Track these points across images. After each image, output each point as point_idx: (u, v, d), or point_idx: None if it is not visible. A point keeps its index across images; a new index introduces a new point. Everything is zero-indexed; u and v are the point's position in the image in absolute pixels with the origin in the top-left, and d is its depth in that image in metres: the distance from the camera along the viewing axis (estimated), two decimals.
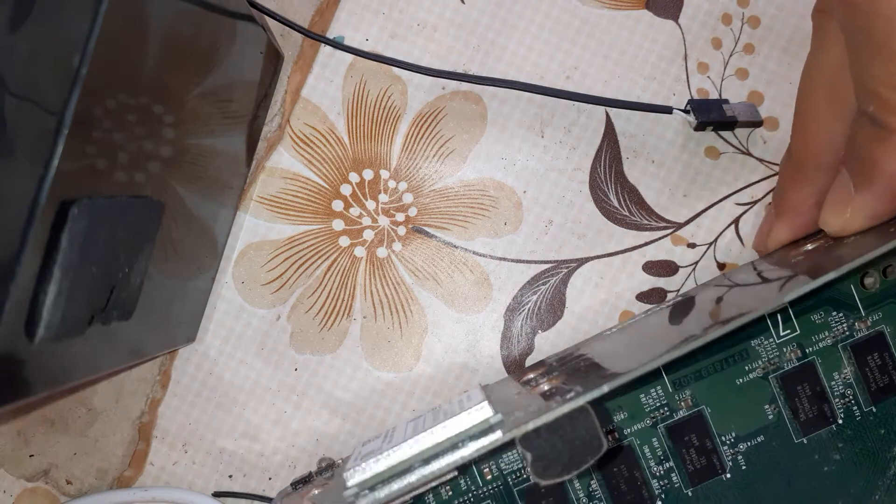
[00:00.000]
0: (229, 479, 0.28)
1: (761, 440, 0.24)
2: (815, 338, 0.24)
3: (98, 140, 0.17)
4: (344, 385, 0.28)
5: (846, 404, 0.24)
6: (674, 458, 0.24)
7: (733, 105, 0.28)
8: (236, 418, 0.28)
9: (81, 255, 0.17)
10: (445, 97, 0.28)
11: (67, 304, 0.17)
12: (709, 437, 0.24)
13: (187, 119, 0.22)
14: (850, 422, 0.24)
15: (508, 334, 0.28)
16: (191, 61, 0.21)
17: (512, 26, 0.28)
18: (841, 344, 0.24)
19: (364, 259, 0.28)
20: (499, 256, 0.28)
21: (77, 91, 0.15)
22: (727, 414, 0.24)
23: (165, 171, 0.21)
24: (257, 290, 0.28)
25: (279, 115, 0.28)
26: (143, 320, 0.22)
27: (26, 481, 0.28)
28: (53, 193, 0.15)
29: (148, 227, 0.20)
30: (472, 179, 0.28)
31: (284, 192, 0.28)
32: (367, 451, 0.21)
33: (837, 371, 0.24)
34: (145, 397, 0.28)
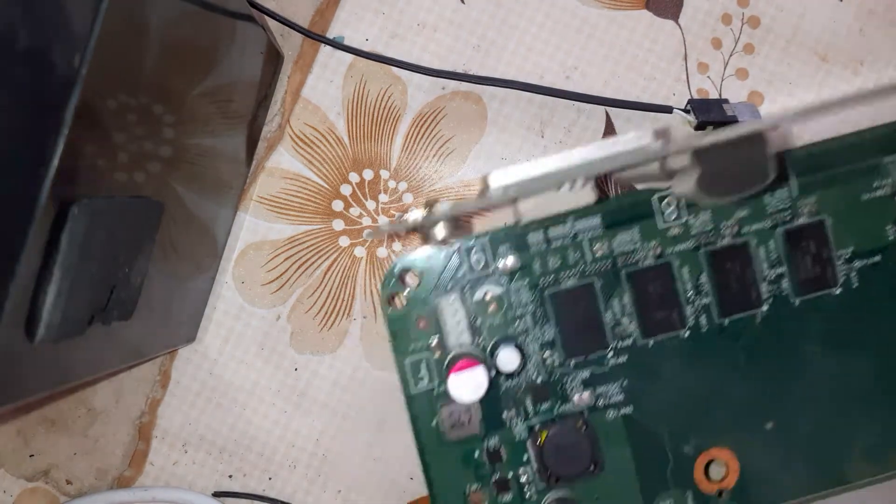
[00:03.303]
0: (229, 479, 0.28)
1: (878, 260, 0.23)
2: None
3: (98, 140, 0.17)
4: (344, 385, 0.28)
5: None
6: (787, 264, 0.23)
7: (733, 105, 0.28)
8: (236, 418, 0.28)
9: (81, 255, 0.17)
10: (445, 97, 0.28)
11: (67, 304, 0.17)
12: (826, 248, 0.23)
13: (187, 119, 0.22)
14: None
15: None
16: (191, 61, 0.21)
17: (512, 26, 0.28)
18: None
19: (364, 259, 0.28)
20: None
21: (77, 91, 0.15)
22: (847, 228, 0.23)
23: (165, 171, 0.21)
24: (257, 290, 0.28)
25: (279, 115, 0.28)
26: (143, 320, 0.22)
27: (26, 481, 0.28)
28: (53, 193, 0.15)
29: (148, 227, 0.20)
30: (472, 179, 0.28)
31: (284, 192, 0.28)
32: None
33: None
34: (145, 397, 0.28)
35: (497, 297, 0.22)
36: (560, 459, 0.22)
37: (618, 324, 0.23)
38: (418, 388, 0.22)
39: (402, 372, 0.22)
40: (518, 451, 0.23)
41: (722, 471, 0.23)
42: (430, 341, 0.22)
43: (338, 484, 0.28)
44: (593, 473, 0.23)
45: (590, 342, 0.23)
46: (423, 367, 0.22)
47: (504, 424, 0.23)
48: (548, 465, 0.22)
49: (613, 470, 0.23)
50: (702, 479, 0.23)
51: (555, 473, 0.22)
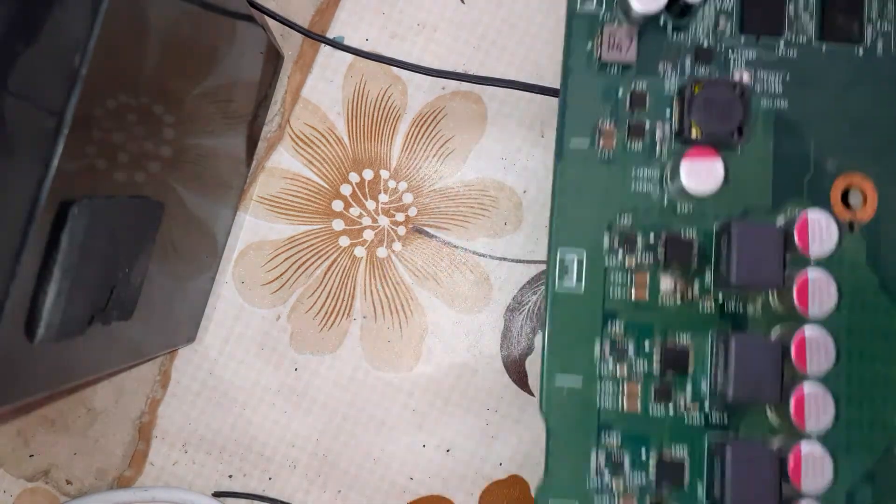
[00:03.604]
0: (229, 479, 0.28)
1: None
2: None
3: (98, 140, 0.17)
4: (344, 385, 0.28)
5: None
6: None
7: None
8: (236, 418, 0.28)
9: (81, 255, 0.17)
10: (445, 97, 0.28)
11: (67, 304, 0.17)
12: None
13: (187, 119, 0.22)
14: None
15: (508, 334, 0.28)
16: (191, 61, 0.21)
17: (512, 26, 0.28)
18: None
19: (364, 259, 0.28)
20: (499, 256, 0.28)
21: (77, 91, 0.15)
22: None
23: (165, 172, 0.21)
24: (257, 290, 0.28)
25: (279, 115, 0.28)
26: (143, 320, 0.22)
27: (26, 481, 0.28)
28: (53, 193, 0.15)
29: (148, 227, 0.20)
30: (472, 179, 0.28)
31: (284, 192, 0.28)
32: None
33: None
34: (145, 397, 0.28)
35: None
36: (709, 114, 0.21)
37: (798, 17, 0.22)
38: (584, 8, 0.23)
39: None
40: (661, 104, 0.22)
41: (859, 201, 0.22)
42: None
43: (338, 484, 0.28)
44: (735, 141, 0.22)
45: (766, 24, 0.22)
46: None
47: (658, 73, 0.22)
48: (695, 118, 0.21)
49: (753, 152, 0.22)
50: (837, 202, 0.22)
51: (700, 127, 0.21)
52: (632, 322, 0.22)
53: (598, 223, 0.22)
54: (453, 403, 0.28)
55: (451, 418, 0.28)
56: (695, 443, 0.21)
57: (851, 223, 0.22)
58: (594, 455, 0.21)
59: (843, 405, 0.21)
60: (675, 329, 0.22)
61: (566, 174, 0.22)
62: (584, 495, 0.21)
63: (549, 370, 0.22)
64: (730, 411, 0.21)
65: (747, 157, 0.22)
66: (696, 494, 0.21)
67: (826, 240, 0.21)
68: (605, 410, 0.22)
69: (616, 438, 0.21)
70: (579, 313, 0.22)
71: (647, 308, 0.22)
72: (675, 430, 0.21)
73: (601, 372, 0.22)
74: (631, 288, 0.22)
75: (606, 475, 0.21)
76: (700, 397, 0.21)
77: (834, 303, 0.21)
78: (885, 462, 0.21)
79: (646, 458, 0.21)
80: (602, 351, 0.22)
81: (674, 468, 0.21)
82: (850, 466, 0.21)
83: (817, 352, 0.20)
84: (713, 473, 0.21)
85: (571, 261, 0.22)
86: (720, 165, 0.21)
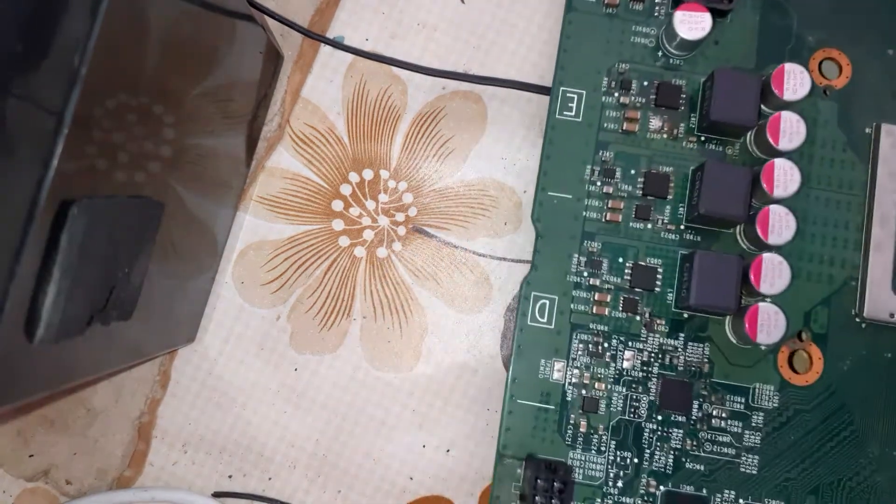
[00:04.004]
0: (229, 479, 0.28)
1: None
2: None
3: (98, 140, 0.17)
4: (344, 385, 0.28)
5: None
6: None
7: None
8: (236, 418, 0.28)
9: (81, 255, 0.17)
10: (445, 97, 0.28)
11: (67, 304, 0.17)
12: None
13: (187, 119, 0.22)
14: None
15: (508, 334, 0.28)
16: (191, 61, 0.21)
17: (512, 26, 0.28)
18: None
19: (364, 259, 0.28)
20: (499, 256, 0.28)
21: (77, 91, 0.15)
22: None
23: (165, 171, 0.21)
24: (257, 290, 0.28)
25: (279, 115, 0.28)
26: (143, 320, 0.22)
27: (26, 481, 0.28)
28: (53, 193, 0.15)
29: (148, 227, 0.20)
30: (472, 179, 0.28)
31: (284, 192, 0.28)
32: None
33: None
34: (145, 397, 0.28)
35: None
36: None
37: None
38: None
39: None
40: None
41: (835, 71, 0.25)
42: None
43: (338, 484, 0.28)
44: (725, 6, 0.25)
45: None
46: None
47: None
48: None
49: (741, 21, 0.25)
50: (815, 70, 0.25)
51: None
52: (622, 152, 0.25)
53: (598, 67, 0.25)
54: (453, 403, 0.28)
55: (451, 418, 0.28)
56: (668, 256, 0.25)
57: (825, 88, 0.25)
58: (576, 257, 0.25)
59: (807, 239, 0.24)
60: (659, 160, 0.25)
61: (573, 23, 0.26)
62: (564, 291, 0.24)
63: (542, 187, 0.25)
64: (702, 234, 0.25)
65: (735, 25, 0.26)
66: (666, 298, 0.24)
67: (799, 88, 0.23)
68: (589, 220, 0.25)
69: (597, 245, 0.25)
70: (575, 139, 0.25)
71: (636, 141, 0.25)
72: (652, 243, 0.24)
73: (589, 190, 0.25)
74: (623, 123, 0.25)
75: (585, 274, 0.25)
76: (676, 219, 0.25)
77: (802, 139, 0.23)
78: (844, 293, 0.24)
79: (622, 263, 0.25)
80: (592, 171, 0.25)
81: (647, 272, 0.24)
82: (809, 291, 0.24)
83: (783, 177, 0.23)
84: (682, 280, 0.24)
85: (572, 98, 0.25)
86: (708, 17, 0.24)
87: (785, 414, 0.24)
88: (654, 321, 0.24)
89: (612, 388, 0.24)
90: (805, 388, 0.24)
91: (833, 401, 0.24)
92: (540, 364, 0.24)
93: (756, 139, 0.24)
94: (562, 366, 0.24)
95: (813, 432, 0.24)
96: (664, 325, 0.24)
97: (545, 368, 0.24)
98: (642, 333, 0.24)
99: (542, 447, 0.24)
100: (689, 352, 0.24)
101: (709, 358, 0.24)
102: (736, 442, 0.23)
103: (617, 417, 0.24)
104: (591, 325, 0.24)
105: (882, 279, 0.24)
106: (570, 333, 0.24)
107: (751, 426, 0.24)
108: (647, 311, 0.24)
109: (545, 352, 0.24)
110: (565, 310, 0.24)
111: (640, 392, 0.24)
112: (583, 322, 0.24)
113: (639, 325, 0.24)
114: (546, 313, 0.24)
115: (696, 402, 0.24)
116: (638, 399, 0.24)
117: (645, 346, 0.24)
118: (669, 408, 0.23)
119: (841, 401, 0.24)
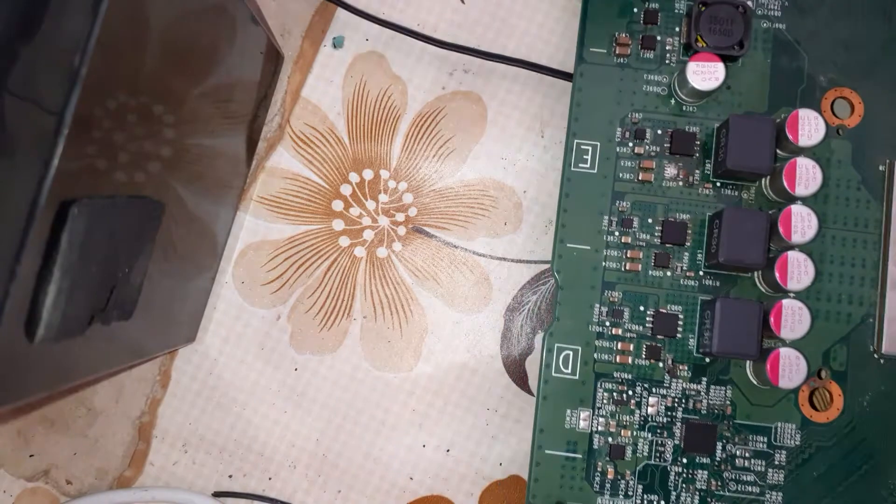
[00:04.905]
0: (229, 479, 0.28)
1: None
2: None
3: (98, 140, 0.17)
4: (344, 385, 0.28)
5: None
6: None
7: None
8: (236, 418, 0.28)
9: (81, 255, 0.17)
10: (445, 97, 0.28)
11: (67, 304, 0.17)
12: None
13: (187, 119, 0.22)
14: None
15: (508, 334, 0.28)
16: (191, 61, 0.21)
17: (512, 26, 0.28)
18: None
19: (364, 259, 0.28)
20: (499, 256, 0.28)
21: (77, 91, 0.15)
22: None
23: (165, 171, 0.21)
24: (257, 290, 0.28)
25: (279, 115, 0.28)
26: (143, 320, 0.22)
27: (26, 481, 0.28)
28: (53, 193, 0.15)
29: (148, 227, 0.20)
30: (472, 179, 0.28)
31: (284, 192, 0.28)
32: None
33: None
34: (145, 397, 0.28)
35: None
36: (713, 28, 0.24)
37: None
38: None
39: None
40: (672, 22, 0.25)
41: (847, 110, 0.25)
42: None
43: (338, 484, 0.28)
44: (736, 52, 0.24)
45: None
46: None
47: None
48: (701, 31, 0.24)
49: (753, 65, 0.25)
50: (827, 110, 0.25)
51: (705, 39, 0.24)
52: (638, 201, 0.25)
53: (611, 118, 0.25)
54: (453, 403, 0.28)
55: (451, 418, 0.28)
56: (688, 303, 0.25)
57: (839, 128, 0.25)
58: (597, 307, 0.25)
59: (825, 279, 0.24)
60: (676, 208, 0.25)
61: (585, 75, 0.25)
62: (587, 341, 0.24)
63: (560, 239, 0.25)
64: (721, 279, 0.25)
65: (747, 69, 0.25)
66: (687, 344, 0.24)
67: (814, 133, 0.23)
68: (608, 270, 0.25)
69: (618, 295, 0.25)
70: (591, 191, 0.25)
71: (652, 190, 0.25)
72: (672, 290, 0.25)
73: (608, 241, 0.25)
74: (639, 173, 0.25)
75: (607, 324, 0.25)
76: (695, 266, 0.25)
77: (818, 185, 0.23)
78: (862, 330, 0.24)
79: (644, 311, 0.25)
80: (610, 222, 0.25)
81: (668, 320, 0.24)
82: (828, 330, 0.24)
83: (801, 222, 0.23)
84: (703, 327, 0.24)
85: (587, 150, 0.25)
86: (721, 67, 0.24)
87: (807, 451, 0.24)
88: (677, 367, 0.24)
89: (638, 433, 0.24)
90: (826, 425, 0.24)
91: (854, 436, 0.24)
92: (566, 414, 0.24)
93: (772, 184, 0.24)
94: (587, 414, 0.24)
95: (835, 467, 0.24)
96: (686, 370, 0.24)
97: (571, 418, 0.24)
98: (665, 379, 0.24)
99: (571, 495, 0.24)
100: (711, 395, 0.24)
101: (731, 400, 0.24)
102: (760, 480, 0.24)
103: (643, 462, 0.24)
104: (615, 373, 0.24)
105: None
106: (594, 383, 0.24)
107: (774, 464, 0.24)
108: (669, 358, 0.24)
109: (571, 402, 0.24)
110: (589, 360, 0.24)
111: (664, 437, 0.24)
112: (607, 371, 0.24)
113: (661, 371, 0.24)
114: (570, 364, 0.24)
115: (720, 444, 0.24)
116: (663, 443, 0.24)
117: (668, 392, 0.24)
118: (694, 450, 0.24)
119: (862, 435, 0.24)
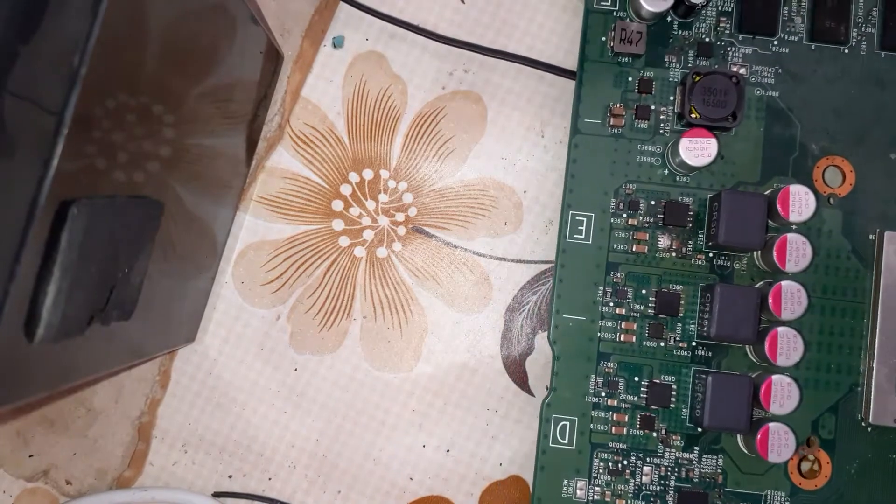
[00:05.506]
0: (229, 479, 0.28)
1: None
2: None
3: (98, 140, 0.17)
4: (344, 385, 0.28)
5: None
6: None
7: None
8: (236, 418, 0.28)
9: (81, 255, 0.17)
10: (445, 97, 0.28)
11: (67, 304, 0.17)
12: None
13: (187, 119, 0.22)
14: None
15: (508, 334, 0.28)
16: (191, 61, 0.21)
17: (512, 26, 0.28)
18: None
19: (364, 259, 0.28)
20: (499, 256, 0.28)
21: (77, 91, 0.15)
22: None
23: (165, 171, 0.21)
24: (257, 290, 0.28)
25: (279, 115, 0.28)
26: (143, 320, 0.22)
27: (26, 481, 0.28)
28: (53, 193, 0.15)
29: (148, 227, 0.20)
30: (472, 179, 0.28)
31: (284, 192, 0.28)
32: None
33: None
34: (145, 397, 0.28)
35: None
36: (707, 100, 0.25)
37: (791, 20, 0.26)
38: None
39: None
40: (666, 91, 0.26)
41: (838, 179, 0.25)
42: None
43: (338, 484, 0.28)
44: (730, 124, 0.25)
45: (762, 25, 0.25)
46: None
47: (664, 64, 0.26)
48: (694, 102, 0.25)
49: (745, 134, 0.25)
50: (819, 178, 0.25)
51: (699, 111, 0.25)
52: (632, 272, 0.25)
53: (606, 189, 0.25)
54: (453, 403, 0.28)
55: (451, 418, 0.28)
56: (681, 373, 0.25)
57: (830, 197, 0.25)
58: (593, 378, 0.25)
59: (814, 349, 0.25)
60: (669, 279, 0.25)
61: (580, 146, 0.26)
62: (583, 412, 0.25)
63: (557, 309, 0.25)
64: (713, 350, 0.25)
65: (740, 138, 0.26)
66: (680, 413, 0.25)
67: (804, 209, 0.24)
68: (604, 341, 0.25)
69: (613, 366, 0.25)
70: (586, 262, 0.25)
71: (645, 261, 0.25)
72: (665, 361, 0.25)
73: (602, 312, 0.25)
74: (633, 245, 0.25)
75: (603, 395, 0.25)
76: (688, 337, 0.25)
77: (808, 261, 0.24)
78: (850, 399, 0.25)
79: (638, 382, 0.25)
80: (604, 293, 0.25)
81: (662, 390, 0.25)
82: (817, 399, 0.25)
83: (791, 300, 0.24)
84: (696, 398, 0.25)
85: (581, 221, 0.25)
86: (714, 143, 0.24)
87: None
88: (670, 436, 0.25)
89: (632, 502, 0.24)
90: (814, 493, 0.24)
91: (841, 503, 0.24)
92: (563, 484, 0.25)
93: (763, 258, 0.25)
94: (584, 484, 0.25)
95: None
96: (679, 440, 0.25)
97: (568, 488, 0.25)
98: (659, 449, 0.25)
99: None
100: (703, 464, 0.25)
101: (722, 468, 0.25)
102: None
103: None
104: (610, 443, 0.25)
105: (886, 385, 0.24)
106: (590, 453, 0.25)
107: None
108: (663, 428, 0.25)
109: (567, 472, 0.25)
110: (585, 430, 0.25)
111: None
112: (602, 441, 0.25)
113: (655, 441, 0.25)
114: (567, 434, 0.25)
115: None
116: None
117: (662, 461, 0.25)
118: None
119: (849, 503, 0.24)
